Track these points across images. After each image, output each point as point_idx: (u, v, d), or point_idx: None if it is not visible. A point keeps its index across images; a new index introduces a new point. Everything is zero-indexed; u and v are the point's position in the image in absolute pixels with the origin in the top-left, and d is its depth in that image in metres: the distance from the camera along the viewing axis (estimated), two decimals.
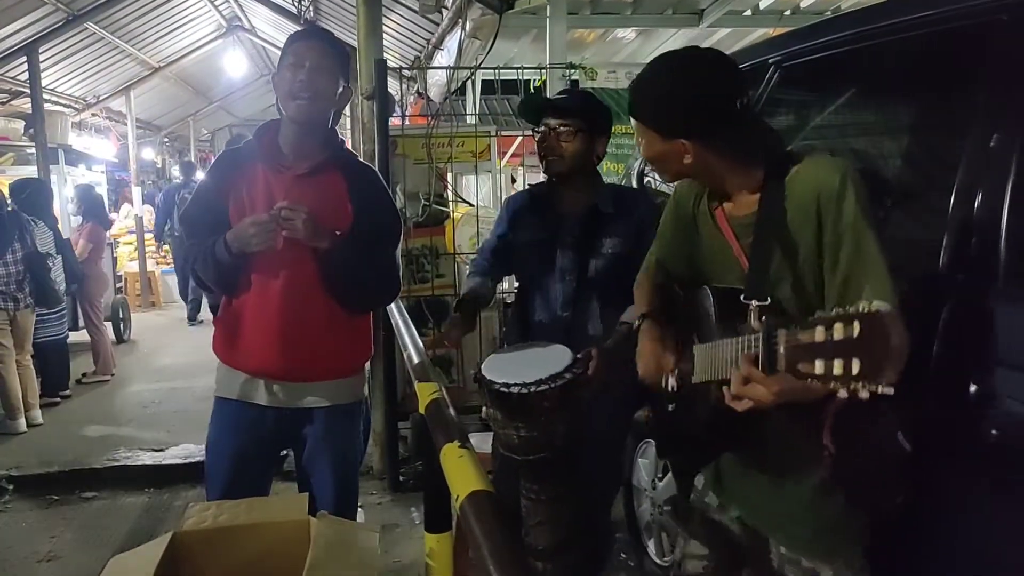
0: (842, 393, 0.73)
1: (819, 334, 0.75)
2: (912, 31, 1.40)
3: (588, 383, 1.62)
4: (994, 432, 1.09)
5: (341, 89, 1.60)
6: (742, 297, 1.07)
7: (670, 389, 1.23)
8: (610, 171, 5.25)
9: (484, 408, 1.55)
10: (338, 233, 1.58)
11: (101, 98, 10.50)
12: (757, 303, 1.03)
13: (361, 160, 1.76)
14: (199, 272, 1.61)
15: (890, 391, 0.70)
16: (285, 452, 1.77)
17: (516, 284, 2.18)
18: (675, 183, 1.33)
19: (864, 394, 0.71)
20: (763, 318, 0.90)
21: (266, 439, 1.70)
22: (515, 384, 1.49)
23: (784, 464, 1.18)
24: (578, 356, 1.58)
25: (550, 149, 1.84)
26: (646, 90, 1.15)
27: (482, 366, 1.62)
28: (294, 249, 1.55)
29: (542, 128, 1.85)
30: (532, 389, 1.47)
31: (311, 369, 1.66)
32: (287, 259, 1.56)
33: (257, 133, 1.66)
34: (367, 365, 1.84)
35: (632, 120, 1.19)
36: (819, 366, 0.75)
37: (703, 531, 1.35)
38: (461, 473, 0.87)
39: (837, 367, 0.72)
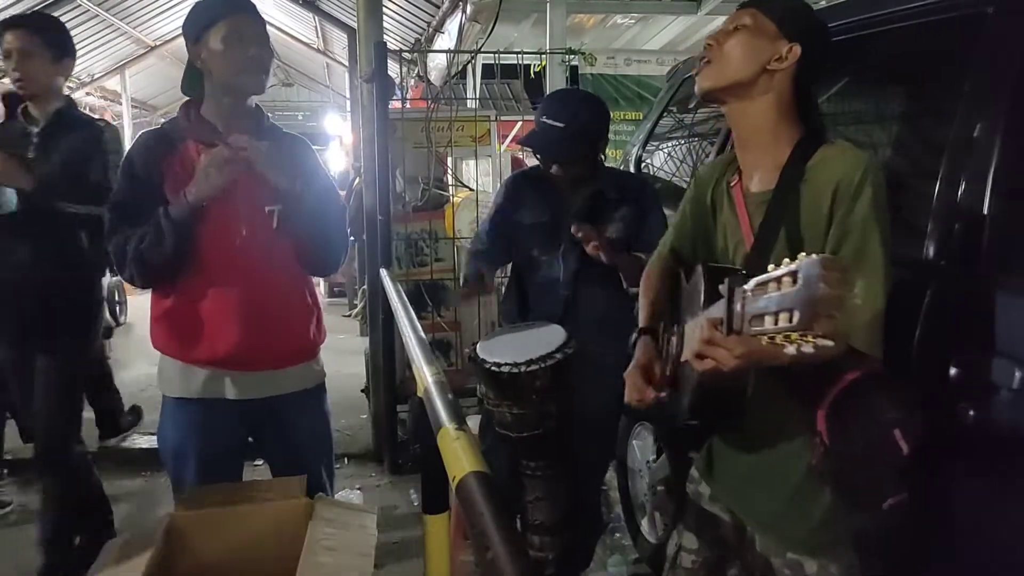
0: (789, 349, 0.73)
1: (770, 288, 0.74)
2: (898, 22, 1.42)
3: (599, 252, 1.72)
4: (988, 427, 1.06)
5: None
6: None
7: (660, 394, 1.20)
8: (608, 157, 5.23)
9: (478, 387, 1.57)
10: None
11: (95, 77, 10.41)
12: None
13: (288, 131, 1.74)
14: (147, 252, 1.48)
15: (829, 343, 0.70)
16: (251, 440, 1.70)
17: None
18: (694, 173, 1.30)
19: (808, 348, 0.71)
20: (727, 280, 0.86)
21: (235, 434, 1.64)
22: (506, 363, 1.50)
23: (772, 452, 1.16)
24: (571, 337, 1.59)
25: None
26: None
27: (477, 345, 1.63)
28: (251, 232, 1.53)
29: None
30: (523, 369, 1.48)
31: (280, 355, 1.62)
32: (245, 243, 1.53)
33: (183, 110, 1.64)
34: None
35: (745, 18, 1.13)
36: (768, 321, 0.74)
37: (695, 522, 1.33)
38: (458, 455, 0.87)
39: (782, 320, 0.72)
